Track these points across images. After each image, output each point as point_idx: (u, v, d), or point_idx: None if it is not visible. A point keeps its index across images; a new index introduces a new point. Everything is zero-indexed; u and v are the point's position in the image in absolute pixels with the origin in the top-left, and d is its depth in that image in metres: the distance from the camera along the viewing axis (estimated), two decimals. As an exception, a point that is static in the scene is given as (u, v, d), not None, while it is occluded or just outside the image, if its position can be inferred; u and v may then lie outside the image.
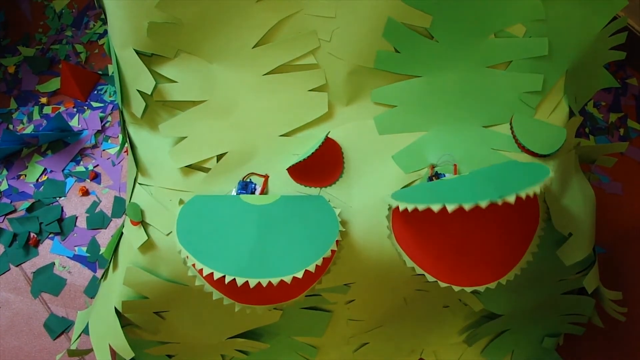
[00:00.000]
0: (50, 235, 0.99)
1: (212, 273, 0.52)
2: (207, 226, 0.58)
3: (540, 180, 0.50)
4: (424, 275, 0.61)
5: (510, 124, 0.67)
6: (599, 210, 0.72)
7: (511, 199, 0.48)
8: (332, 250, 0.56)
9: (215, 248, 0.55)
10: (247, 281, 0.52)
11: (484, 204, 0.48)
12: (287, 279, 0.52)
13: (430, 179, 0.64)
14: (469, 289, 0.60)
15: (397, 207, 0.60)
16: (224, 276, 0.52)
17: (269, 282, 0.52)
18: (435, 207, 0.50)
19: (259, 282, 0.52)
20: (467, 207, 0.48)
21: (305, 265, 0.54)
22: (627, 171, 1.03)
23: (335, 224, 0.59)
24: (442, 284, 0.60)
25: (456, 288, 0.60)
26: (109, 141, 1.07)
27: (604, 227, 0.96)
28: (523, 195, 0.48)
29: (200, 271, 0.53)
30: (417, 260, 0.61)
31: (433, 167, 0.65)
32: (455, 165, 0.65)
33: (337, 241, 0.57)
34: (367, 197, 0.64)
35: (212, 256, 0.54)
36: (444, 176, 0.64)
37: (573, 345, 0.88)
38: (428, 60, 0.66)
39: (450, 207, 0.49)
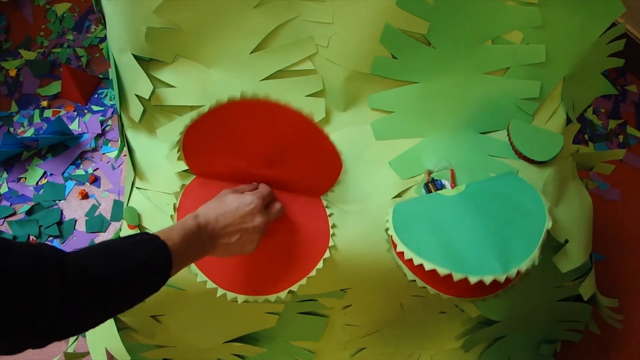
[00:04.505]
0: (49, 238, 0.99)
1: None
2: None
3: (538, 235, 0.54)
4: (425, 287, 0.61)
5: (508, 130, 0.67)
6: (597, 217, 0.72)
7: (512, 273, 0.52)
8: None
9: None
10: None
11: (488, 279, 0.52)
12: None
13: (426, 185, 0.64)
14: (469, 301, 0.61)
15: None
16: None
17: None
18: (442, 272, 0.53)
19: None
20: (472, 280, 0.52)
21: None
22: (626, 178, 1.03)
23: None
24: (444, 296, 0.61)
25: (456, 300, 0.61)
26: (109, 145, 1.08)
27: (603, 234, 0.96)
28: (523, 269, 0.52)
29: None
30: (417, 272, 0.61)
31: (429, 173, 0.65)
32: (452, 170, 0.65)
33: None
34: (364, 202, 0.64)
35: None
36: (441, 182, 0.64)
37: (570, 352, 0.88)
38: (425, 67, 0.66)
39: (457, 277, 0.52)
